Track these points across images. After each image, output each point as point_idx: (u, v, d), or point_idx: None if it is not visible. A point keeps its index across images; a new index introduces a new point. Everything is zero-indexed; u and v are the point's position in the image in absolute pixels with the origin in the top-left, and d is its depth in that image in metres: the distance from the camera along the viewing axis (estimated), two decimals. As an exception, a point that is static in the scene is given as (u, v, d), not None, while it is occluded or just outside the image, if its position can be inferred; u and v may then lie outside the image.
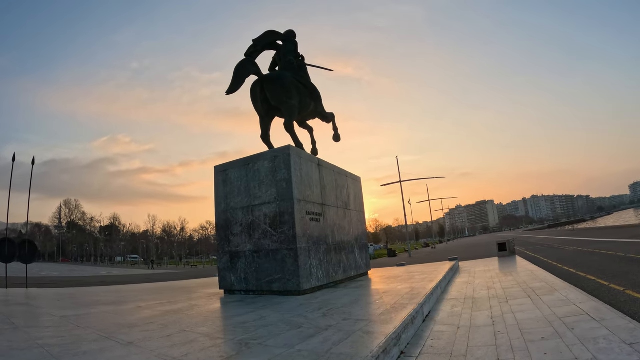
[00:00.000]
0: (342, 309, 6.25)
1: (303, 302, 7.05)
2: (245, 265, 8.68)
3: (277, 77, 10.22)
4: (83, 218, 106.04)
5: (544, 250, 22.69)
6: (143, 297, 9.17)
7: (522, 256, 18.43)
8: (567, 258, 15.74)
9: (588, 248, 19.98)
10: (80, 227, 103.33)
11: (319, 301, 7.16)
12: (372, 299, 7.16)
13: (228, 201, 9.26)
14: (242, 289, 8.72)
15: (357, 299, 7.32)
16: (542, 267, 12.46)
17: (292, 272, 8.01)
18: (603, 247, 19.28)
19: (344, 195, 11.33)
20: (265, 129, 10.35)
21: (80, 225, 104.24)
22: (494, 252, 22.06)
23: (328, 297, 7.74)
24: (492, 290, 8.59)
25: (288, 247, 8.11)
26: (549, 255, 17.98)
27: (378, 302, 6.64)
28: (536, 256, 18.25)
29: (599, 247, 19.22)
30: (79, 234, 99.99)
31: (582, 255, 16.23)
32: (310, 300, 7.24)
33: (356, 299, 7.25)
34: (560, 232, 57.49)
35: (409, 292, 7.62)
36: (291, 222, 8.15)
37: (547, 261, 15.05)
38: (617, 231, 35.97)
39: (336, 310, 6.07)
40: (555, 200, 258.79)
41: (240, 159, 9.35)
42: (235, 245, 8.94)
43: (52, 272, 41.16)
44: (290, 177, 8.34)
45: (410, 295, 7.20)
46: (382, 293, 7.84)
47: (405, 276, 11.23)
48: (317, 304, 6.84)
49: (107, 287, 15.25)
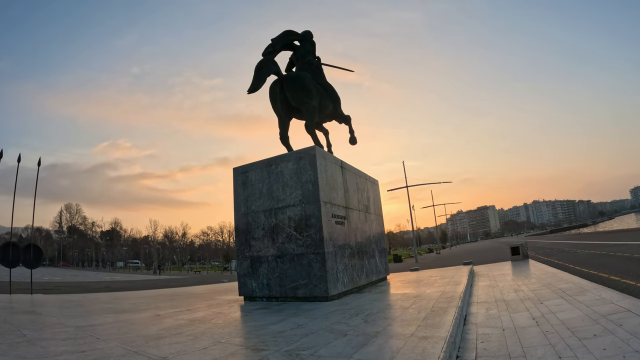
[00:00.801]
0: (380, 314, 5.99)
1: (336, 308, 6.72)
2: (268, 271, 8.34)
3: (297, 77, 9.96)
4: (84, 223, 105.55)
5: (556, 253, 22.37)
6: (157, 305, 8.80)
7: (536, 260, 18.12)
8: (583, 261, 15.51)
9: (601, 251, 19.72)
10: (81, 232, 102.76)
11: (351, 307, 6.85)
12: (406, 303, 6.88)
13: (249, 204, 8.94)
14: (264, 296, 8.37)
15: (390, 303, 7.03)
16: (560, 269, 12.22)
17: (319, 278, 7.69)
18: (616, 249, 19.04)
19: (364, 198, 11.03)
20: (284, 130, 10.07)
21: (81, 230, 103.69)
22: (504, 256, 21.84)
23: (358, 302, 7.43)
24: (521, 292, 8.42)
25: (314, 251, 7.79)
26: (563, 259, 17.70)
27: (415, 306, 6.43)
28: (550, 260, 17.94)
29: (612, 250, 19.00)
30: (80, 239, 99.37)
31: (598, 258, 16.03)
32: (342, 307, 6.92)
33: (389, 304, 6.97)
34: (566, 237, 57.16)
35: (441, 296, 7.43)
36: (318, 225, 7.84)
37: (564, 264, 14.80)
38: (624, 234, 35.69)
39: (375, 316, 5.81)
40: (556, 205, 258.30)
41: (261, 160, 9.04)
42: (256, 250, 8.61)
43: (55, 276, 40.74)
44: (317, 179, 8.03)
45: (445, 299, 7.02)
46: (413, 297, 7.61)
47: (427, 280, 10.97)
48: (351, 309, 6.53)
49: (115, 294, 14.88)
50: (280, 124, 10.09)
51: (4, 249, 15.15)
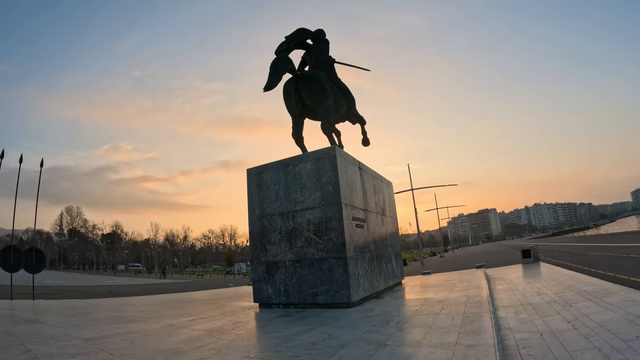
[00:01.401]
0: (412, 321, 5.70)
1: (361, 315, 6.40)
2: (285, 276, 8.00)
3: (313, 75, 9.67)
4: (85, 225, 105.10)
5: (565, 256, 22.04)
6: (168, 312, 8.42)
7: (547, 263, 17.79)
8: (596, 263, 15.24)
9: (612, 253, 19.42)
10: (82, 235, 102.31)
11: (376, 313, 6.54)
12: (434, 309, 6.59)
13: (264, 207, 8.60)
14: (281, 302, 8.02)
15: (418, 309, 6.72)
16: (577, 272, 11.90)
17: (340, 283, 7.35)
18: (629, 251, 18.77)
19: (381, 200, 10.71)
20: (298, 130, 9.76)
21: (82, 232, 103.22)
22: (512, 259, 21.50)
23: (382, 308, 7.12)
24: (544, 295, 8.14)
25: (336, 255, 7.46)
26: (575, 261, 17.40)
27: (445, 312, 6.17)
28: (561, 262, 17.60)
29: (624, 252, 18.73)
30: (81, 242, 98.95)
31: (611, 260, 15.80)
32: (367, 313, 6.60)
33: (417, 310, 6.66)
34: (571, 239, 56.68)
35: (467, 301, 7.18)
36: (339, 228, 7.51)
37: (577, 266, 14.52)
38: (630, 237, 35.32)
39: (408, 323, 5.53)
40: (557, 208, 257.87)
41: (277, 161, 8.71)
42: (273, 254, 8.27)
43: (56, 280, 40.31)
44: (337, 180, 7.71)
45: (473, 304, 6.78)
46: (439, 302, 7.33)
47: (445, 284, 10.68)
48: (378, 316, 6.22)
49: (120, 300, 14.52)
50: (294, 124, 9.78)
51: (5, 253, 14.76)
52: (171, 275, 67.21)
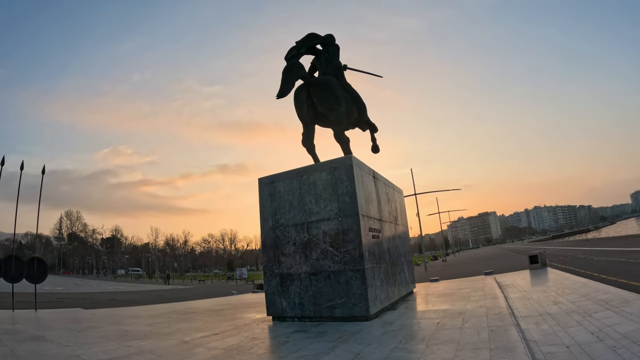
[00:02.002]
0: (437, 336, 5.50)
1: (382, 330, 6.21)
2: (300, 289, 7.79)
3: (325, 82, 9.49)
4: (84, 230, 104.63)
5: (572, 261, 21.79)
6: (178, 326, 8.18)
7: (554, 268, 17.58)
8: (605, 268, 15.06)
9: (619, 258, 19.22)
10: (81, 239, 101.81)
11: (397, 327, 6.35)
12: (456, 322, 6.41)
13: (277, 217, 8.40)
14: (296, 315, 7.81)
15: (440, 322, 6.52)
16: (588, 279, 11.60)
17: (358, 296, 7.16)
18: (636, 256, 18.57)
19: (394, 209, 10.53)
20: (309, 138, 9.58)
21: (81, 237, 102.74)
22: (516, 264, 21.26)
23: (402, 321, 6.92)
24: (561, 304, 7.84)
25: (353, 268, 7.26)
26: (583, 266, 17.17)
27: (469, 326, 6.00)
28: (569, 267, 17.39)
29: (631, 257, 18.53)
30: (80, 246, 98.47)
31: (620, 265, 15.67)
32: (387, 327, 6.41)
33: (439, 324, 6.45)
34: (573, 243, 56.54)
35: (487, 313, 7.00)
36: (357, 240, 7.32)
37: (587, 272, 14.28)
38: (633, 240, 35.13)
39: (434, 338, 5.33)
40: (557, 210, 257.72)
41: (290, 170, 8.52)
42: (287, 266, 8.06)
43: (57, 286, 39.83)
44: (354, 191, 7.52)
45: (494, 316, 6.62)
46: (458, 314, 7.13)
47: (458, 294, 10.48)
48: (401, 331, 6.03)
49: (126, 310, 14.24)
50: (305, 131, 9.60)
51: (6, 263, 14.51)
52: (173, 280, 66.68)
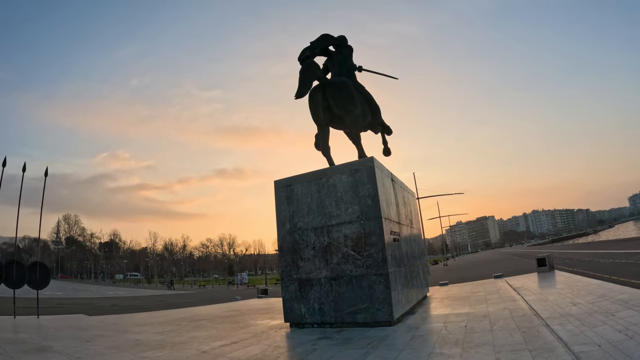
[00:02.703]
0: (470, 339, 5.35)
1: (411, 335, 6.03)
2: (320, 295, 7.59)
3: (341, 83, 9.35)
4: (82, 234, 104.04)
5: (577, 264, 21.53)
6: (191, 334, 7.89)
7: (562, 271, 17.40)
8: (615, 270, 14.88)
9: (627, 260, 19.03)
10: (79, 243, 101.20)
11: (424, 332, 6.17)
12: (483, 325, 6.26)
13: (295, 221, 8.21)
14: (316, 322, 7.60)
15: (467, 325, 6.35)
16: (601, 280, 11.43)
17: (382, 301, 6.98)
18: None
19: (409, 212, 10.37)
20: (324, 140, 9.42)
21: (79, 241, 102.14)
22: (522, 267, 21.02)
23: (427, 325, 6.74)
24: (580, 305, 7.61)
25: (376, 272, 7.09)
26: (591, 269, 16.90)
27: (498, 328, 5.88)
28: (577, 270, 17.11)
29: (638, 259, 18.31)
30: (78, 250, 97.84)
31: (629, 267, 15.58)
32: (415, 332, 6.22)
33: (467, 327, 6.28)
34: (574, 246, 56.36)
35: (511, 314, 6.90)
36: (380, 243, 7.15)
37: (597, 274, 14.03)
38: (635, 243, 35.00)
39: (467, 342, 5.17)
40: (555, 214, 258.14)
41: (308, 172, 8.35)
42: (306, 271, 7.86)
43: (56, 291, 39.39)
44: (377, 193, 7.36)
45: (520, 317, 6.54)
46: (482, 317, 6.98)
47: (474, 297, 10.29)
48: (430, 335, 5.87)
49: (131, 317, 13.93)
50: (320, 134, 9.45)
51: (8, 268, 14.23)
52: (171, 286, 65.85)
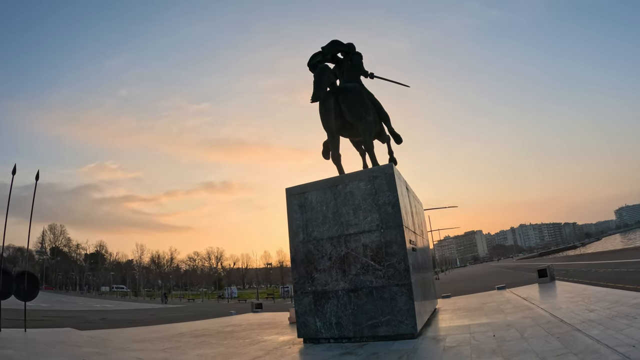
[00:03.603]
0: (506, 348, 5.18)
1: (441, 347, 5.79)
2: (338, 308, 7.25)
3: (354, 89, 9.16)
4: (68, 244, 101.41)
5: (576, 274, 21.44)
6: (197, 352, 7.44)
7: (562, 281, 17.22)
8: (618, 279, 14.91)
9: (627, 268, 19.04)
10: (64, 254, 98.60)
11: (453, 343, 5.92)
12: (512, 333, 6.12)
13: (309, 230, 7.89)
14: (332, 337, 7.24)
15: (495, 335, 6.13)
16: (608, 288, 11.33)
17: (404, 312, 6.70)
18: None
19: (420, 222, 10.17)
20: (336, 148, 9.19)
21: (65, 251, 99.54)
22: (518, 279, 20.85)
23: (453, 337, 6.48)
24: (597, 311, 7.45)
25: (399, 282, 6.81)
26: (593, 278, 16.88)
27: (529, 335, 5.76)
28: (579, 280, 17.01)
29: (637, 267, 18.31)
30: (64, 261, 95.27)
31: (632, 274, 15.58)
32: (442, 344, 5.98)
33: (496, 336, 6.06)
34: (566, 258, 56.73)
35: (536, 322, 6.82)
36: (402, 253, 6.89)
37: (600, 283, 14.00)
38: (631, 253, 35.20)
39: (505, 351, 5.01)
40: (543, 228, 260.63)
41: (323, 179, 8.08)
42: (321, 283, 7.52)
43: (41, 303, 38.03)
44: (397, 201, 7.12)
45: (548, 325, 6.46)
46: (506, 326, 6.85)
47: (486, 307, 10.13)
48: (461, 346, 5.61)
49: (126, 332, 13.28)
50: (331, 142, 9.22)
51: (-6, 278, 13.60)
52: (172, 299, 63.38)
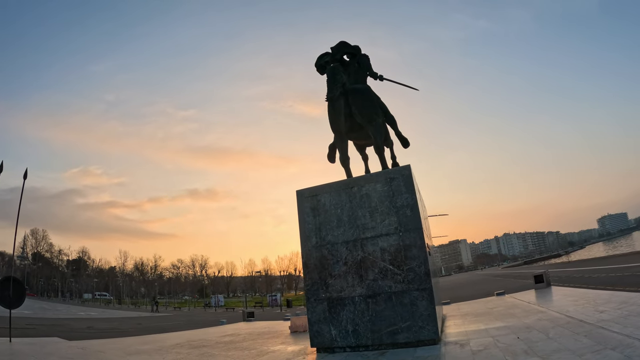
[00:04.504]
0: (539, 348, 5.09)
1: (469, 352, 5.64)
2: (354, 315, 7.03)
3: (365, 90, 9.04)
4: (50, 250, 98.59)
5: (570, 280, 20.92)
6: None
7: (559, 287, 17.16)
8: (617, 282, 14.61)
9: (623, 273, 18.99)
10: (46, 260, 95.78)
11: (479, 347, 5.79)
12: (535, 335, 6.11)
13: (323, 234, 7.66)
14: (349, 345, 7.00)
15: (519, 337, 6.03)
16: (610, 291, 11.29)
17: (425, 317, 6.54)
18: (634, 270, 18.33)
19: (428, 226, 10.03)
20: (345, 150, 9.02)
21: (47, 257, 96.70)
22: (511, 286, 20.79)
23: (477, 341, 6.40)
24: (607, 312, 7.50)
25: (419, 287, 6.64)
26: (589, 283, 16.49)
27: (556, 336, 5.78)
28: (575, 285, 16.73)
29: (630, 271, 18.32)
30: (45, 267, 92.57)
31: (628, 278, 15.34)
32: (469, 348, 5.85)
33: (520, 338, 5.96)
34: (553, 265, 57.00)
35: (555, 323, 6.90)
36: (421, 256, 6.74)
37: (599, 287, 13.62)
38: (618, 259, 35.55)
39: (540, 351, 4.93)
40: (526, 237, 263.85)
41: (336, 181, 7.89)
42: (337, 289, 7.29)
43: (23, 310, 36.72)
44: (416, 203, 6.99)
45: (568, 325, 6.56)
46: (526, 328, 6.86)
47: (494, 312, 10.10)
48: (488, 350, 5.49)
49: (117, 342, 12.73)
50: (340, 144, 9.04)
51: (-22, 284, 12.90)
52: (147, 306, 62.53)
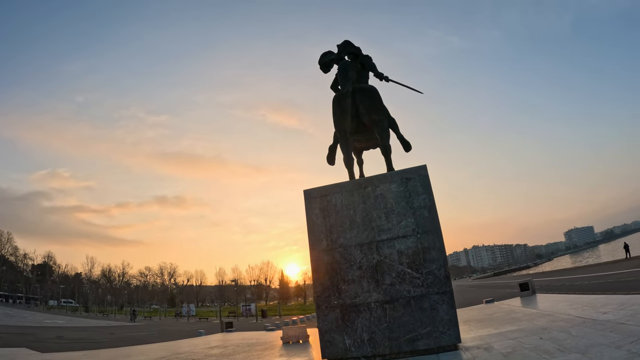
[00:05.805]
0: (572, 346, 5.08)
1: (501, 356, 5.38)
2: (370, 322, 6.67)
3: (373, 90, 8.80)
4: (15, 253, 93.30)
5: (554, 288, 21.18)
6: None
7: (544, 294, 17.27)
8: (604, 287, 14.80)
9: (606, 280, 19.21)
10: (10, 263, 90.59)
11: (506, 349, 5.61)
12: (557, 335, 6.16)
13: (334, 236, 7.29)
14: (364, 355, 6.62)
15: (542, 338, 5.96)
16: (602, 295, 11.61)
17: (447, 322, 6.28)
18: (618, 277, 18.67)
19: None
20: (349, 151, 8.69)
21: (11, 261, 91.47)
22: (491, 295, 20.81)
23: (500, 344, 6.28)
24: (610, 314, 7.59)
25: (439, 290, 6.40)
26: (576, 290, 16.68)
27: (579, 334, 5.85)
28: (562, 292, 17.01)
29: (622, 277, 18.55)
30: (9, 271, 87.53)
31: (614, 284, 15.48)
32: (495, 352, 5.67)
33: (543, 339, 5.88)
34: (526, 276, 58.06)
35: (572, 323, 6.93)
36: (441, 259, 6.51)
37: (587, 293, 13.88)
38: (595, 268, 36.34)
39: (575, 349, 4.89)
40: (495, 249, 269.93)
41: (348, 181, 7.62)
42: (350, 295, 6.91)
43: (-16, 318, 34.51)
44: (433, 204, 6.79)
45: (585, 324, 6.62)
46: (541, 330, 6.89)
47: (496, 317, 10.13)
48: (517, 353, 5.34)
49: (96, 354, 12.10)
50: (344, 144, 8.73)
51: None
52: (115, 315, 60.01)
